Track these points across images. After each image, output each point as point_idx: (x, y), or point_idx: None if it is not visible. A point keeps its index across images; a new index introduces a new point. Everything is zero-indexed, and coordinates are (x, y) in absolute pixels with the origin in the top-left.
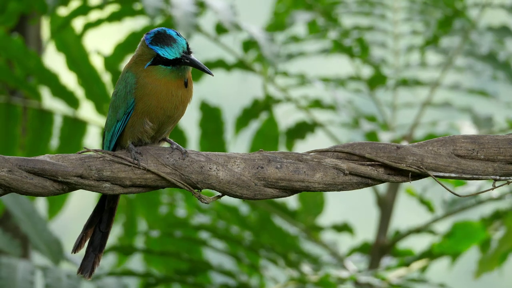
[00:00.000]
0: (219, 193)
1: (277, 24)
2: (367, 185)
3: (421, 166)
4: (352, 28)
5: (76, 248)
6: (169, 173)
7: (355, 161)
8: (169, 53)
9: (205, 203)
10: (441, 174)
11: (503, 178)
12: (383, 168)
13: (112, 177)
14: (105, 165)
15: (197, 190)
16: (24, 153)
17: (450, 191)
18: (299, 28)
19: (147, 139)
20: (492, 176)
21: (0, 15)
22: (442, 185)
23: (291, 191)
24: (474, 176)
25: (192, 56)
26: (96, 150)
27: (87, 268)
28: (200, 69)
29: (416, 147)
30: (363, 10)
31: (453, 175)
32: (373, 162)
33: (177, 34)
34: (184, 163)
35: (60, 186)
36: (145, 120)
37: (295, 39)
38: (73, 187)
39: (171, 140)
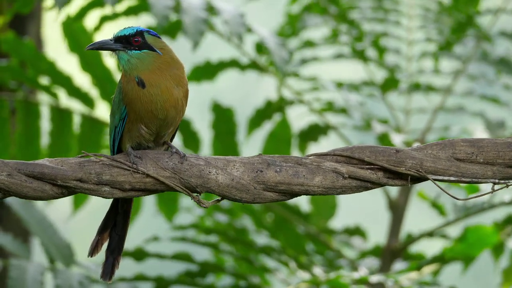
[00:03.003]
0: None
1: (288, 30)
2: (366, 188)
3: (420, 170)
4: (367, 33)
5: (92, 252)
6: (168, 177)
7: (355, 164)
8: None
9: (204, 207)
10: (440, 177)
11: (502, 181)
12: (383, 171)
13: (111, 181)
14: (104, 169)
15: (196, 194)
16: (47, 149)
17: (449, 194)
18: (312, 33)
19: (147, 142)
20: (491, 180)
21: (15, 0)
22: (441, 189)
23: (290, 194)
24: (473, 179)
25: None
26: (95, 154)
27: (106, 271)
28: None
29: (415, 150)
30: (378, 16)
31: (452, 178)
32: (372, 166)
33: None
34: (183, 167)
35: (60, 190)
36: (140, 125)
37: (309, 44)
38: (72, 191)
39: (171, 144)
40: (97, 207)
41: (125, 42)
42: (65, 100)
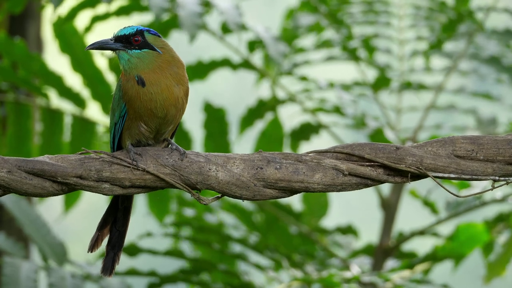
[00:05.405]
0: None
1: (285, 39)
2: (366, 185)
3: (421, 167)
4: (358, 34)
5: (93, 248)
6: (168, 173)
7: (355, 161)
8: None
9: (204, 204)
10: (440, 174)
11: (502, 178)
12: (383, 168)
13: (111, 178)
14: (105, 166)
15: (196, 191)
16: (38, 148)
17: (449, 191)
18: (304, 41)
19: (147, 140)
20: (491, 177)
21: (7, 0)
22: (442, 186)
23: (290, 191)
24: (474, 176)
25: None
26: (95, 151)
27: (107, 266)
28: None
29: (415, 147)
30: (368, 19)
31: (452, 175)
32: (372, 163)
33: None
34: (184, 163)
35: (60, 187)
36: (139, 122)
37: (301, 50)
38: (72, 188)
39: (171, 141)
40: (96, 208)
41: (125, 42)
42: (56, 100)
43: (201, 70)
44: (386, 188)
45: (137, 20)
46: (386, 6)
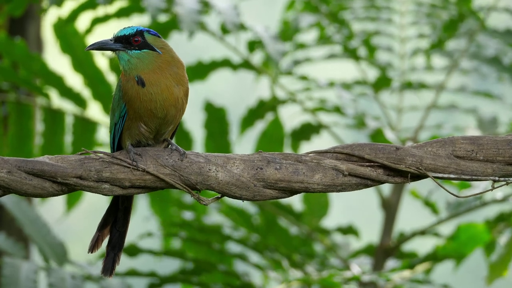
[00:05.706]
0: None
1: (285, 33)
2: (366, 186)
3: (420, 167)
4: (359, 32)
5: (93, 248)
6: (168, 174)
7: (355, 162)
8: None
9: (204, 204)
10: (440, 175)
11: (502, 179)
12: (383, 169)
13: (111, 178)
14: (104, 166)
15: (196, 191)
16: (40, 148)
17: (449, 192)
18: (305, 36)
19: (147, 140)
20: (491, 177)
21: (8, 3)
22: (441, 186)
23: (290, 192)
24: (473, 177)
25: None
26: (95, 152)
27: (107, 267)
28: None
29: (415, 148)
30: (370, 15)
31: (452, 176)
32: (372, 163)
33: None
34: (183, 164)
35: (60, 187)
36: (139, 123)
37: (301, 46)
38: (72, 188)
39: (171, 141)
40: (96, 208)
41: (125, 42)
42: (57, 100)
43: (201, 70)
44: (386, 188)
45: (137, 21)
46: (388, 2)
